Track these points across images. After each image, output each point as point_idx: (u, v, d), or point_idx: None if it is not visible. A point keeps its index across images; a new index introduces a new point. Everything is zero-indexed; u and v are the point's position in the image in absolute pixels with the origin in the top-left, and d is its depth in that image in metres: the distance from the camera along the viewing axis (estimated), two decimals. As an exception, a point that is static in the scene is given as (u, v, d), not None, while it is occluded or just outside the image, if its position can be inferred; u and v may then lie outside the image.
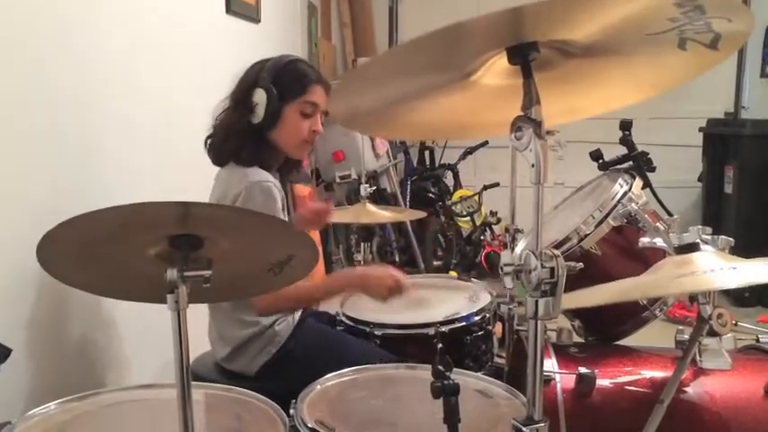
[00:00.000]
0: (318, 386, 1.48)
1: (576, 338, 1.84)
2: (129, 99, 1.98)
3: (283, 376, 1.80)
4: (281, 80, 1.81)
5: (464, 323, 1.99)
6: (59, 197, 1.64)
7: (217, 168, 1.89)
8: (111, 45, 1.88)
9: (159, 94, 2.17)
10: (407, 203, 4.65)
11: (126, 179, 1.93)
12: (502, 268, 1.01)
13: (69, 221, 0.99)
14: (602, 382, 1.57)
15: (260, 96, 1.78)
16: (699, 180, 4.82)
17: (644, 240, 1.63)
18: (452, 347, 1.92)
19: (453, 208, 4.66)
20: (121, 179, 1.91)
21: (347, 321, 2.03)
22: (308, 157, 2.06)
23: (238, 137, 1.81)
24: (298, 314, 1.94)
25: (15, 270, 1.47)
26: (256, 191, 1.73)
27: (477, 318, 2.02)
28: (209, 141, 1.88)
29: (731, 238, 1.37)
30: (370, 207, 2.40)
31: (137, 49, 2.03)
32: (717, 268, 1.20)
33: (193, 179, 1.99)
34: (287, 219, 1.83)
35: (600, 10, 0.92)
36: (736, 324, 1.62)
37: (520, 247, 1.97)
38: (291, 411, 1.32)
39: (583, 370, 1.55)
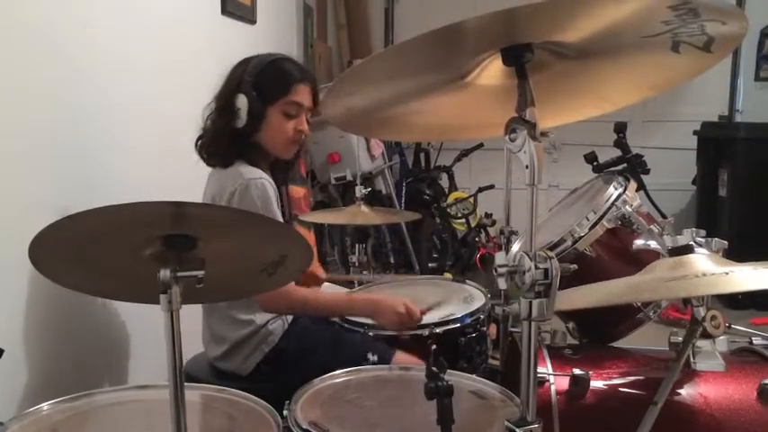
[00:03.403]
0: (312, 387, 1.48)
1: (571, 340, 1.84)
2: (124, 99, 1.97)
3: (276, 376, 1.80)
4: (262, 82, 1.81)
5: (458, 324, 1.98)
6: (54, 197, 1.63)
7: (210, 168, 1.90)
8: (106, 45, 1.88)
9: (154, 94, 2.16)
10: (402, 205, 4.64)
11: (120, 179, 1.92)
12: (496, 269, 1.01)
13: (61, 222, 0.98)
14: (596, 383, 1.57)
15: (242, 101, 1.79)
16: (693, 183, 4.83)
17: (638, 243, 1.63)
18: (446, 349, 1.92)
19: (448, 210, 4.66)
20: (115, 179, 1.90)
21: (341, 323, 2.02)
22: (302, 156, 2.04)
23: (224, 140, 1.83)
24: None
25: (9, 269, 1.47)
26: (251, 188, 1.74)
27: (471, 319, 2.02)
28: (199, 142, 1.89)
29: (725, 241, 1.38)
30: (365, 209, 2.40)
31: (132, 50, 2.03)
32: (710, 271, 1.20)
33: (188, 179, 1.99)
34: (281, 217, 1.83)
35: (594, 12, 0.92)
36: (729, 326, 1.62)
37: (514, 248, 1.97)
38: (285, 413, 1.32)
39: (577, 371, 1.56)
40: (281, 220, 1.83)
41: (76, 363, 1.75)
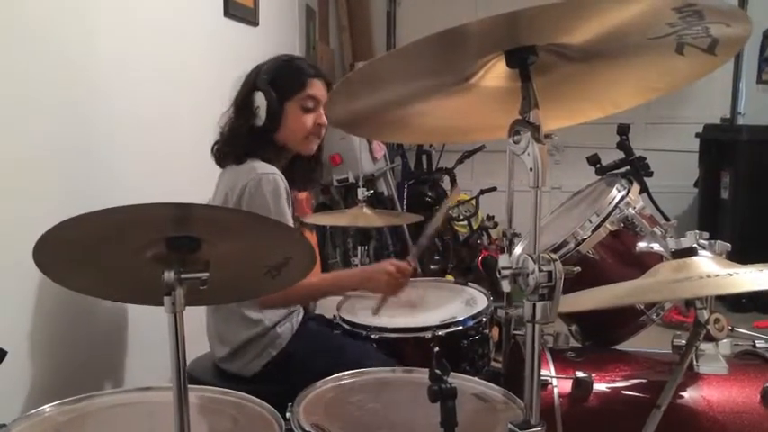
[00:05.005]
0: (315, 390, 1.48)
1: (573, 343, 1.84)
2: (128, 102, 1.97)
3: (281, 379, 1.80)
4: (278, 79, 1.84)
5: (461, 327, 1.98)
6: (59, 198, 1.64)
7: (217, 171, 1.90)
8: (109, 48, 1.88)
9: (157, 97, 2.17)
10: (404, 207, 4.64)
11: (124, 181, 1.92)
12: (500, 272, 1.00)
13: (65, 223, 0.98)
14: (599, 386, 1.57)
15: (260, 99, 1.81)
16: (695, 185, 4.83)
17: (641, 245, 1.63)
18: (449, 351, 1.92)
19: (450, 212, 4.66)
20: (120, 181, 1.90)
21: (344, 325, 2.02)
22: (321, 157, 2.05)
23: (244, 140, 1.84)
24: (299, 317, 1.94)
25: (13, 271, 1.47)
26: (263, 183, 1.75)
27: (473, 322, 2.02)
28: (215, 147, 1.90)
29: (728, 243, 1.38)
30: (367, 211, 2.39)
31: (135, 52, 2.03)
32: (713, 273, 1.20)
33: (192, 181, 1.99)
34: (291, 214, 1.83)
35: (598, 14, 0.92)
36: (732, 329, 1.62)
37: (518, 250, 1.97)
38: (288, 415, 1.32)
39: (580, 374, 1.55)
40: (291, 216, 1.83)
41: (79, 364, 1.75)
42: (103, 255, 1.10)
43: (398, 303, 2.04)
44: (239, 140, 1.84)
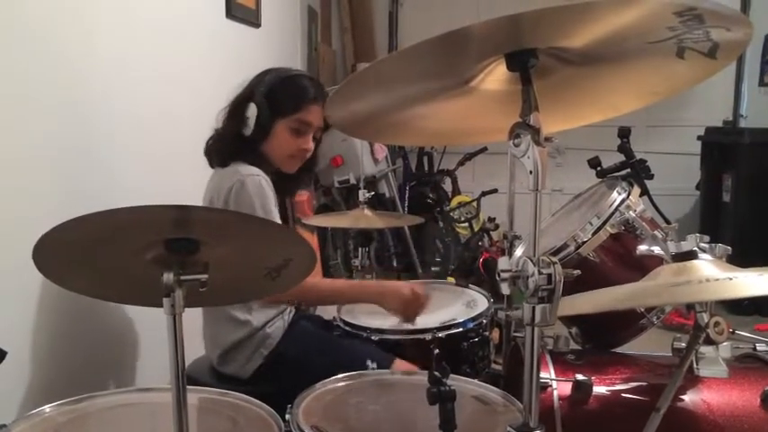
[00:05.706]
0: (314, 391, 1.48)
1: (574, 345, 1.83)
2: (129, 103, 1.98)
3: (277, 379, 1.80)
4: (276, 96, 1.83)
5: (461, 329, 1.98)
6: (59, 198, 1.64)
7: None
8: (110, 49, 1.88)
9: (157, 97, 2.17)
10: (406, 209, 4.65)
11: (124, 181, 1.92)
12: (499, 274, 1.00)
13: (65, 225, 0.98)
14: (599, 389, 1.57)
15: (252, 111, 1.82)
16: (696, 188, 4.83)
17: (641, 248, 1.62)
18: (449, 353, 1.92)
19: (451, 214, 4.66)
20: (119, 181, 1.90)
21: (344, 326, 2.02)
22: (311, 172, 2.05)
23: (230, 144, 1.85)
24: (289, 316, 1.95)
25: (12, 272, 1.47)
26: (248, 184, 1.75)
27: (473, 324, 2.02)
28: (207, 144, 1.91)
29: (728, 247, 1.37)
30: (369, 212, 2.39)
31: (135, 52, 2.03)
32: (714, 277, 1.20)
33: (192, 182, 1.99)
34: (279, 214, 1.83)
35: (599, 18, 0.92)
36: (733, 332, 1.61)
37: (518, 253, 1.97)
38: (287, 416, 1.32)
39: (580, 377, 1.55)
40: (278, 216, 1.83)
41: (79, 365, 1.75)
42: (103, 256, 1.10)
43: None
44: (226, 144, 1.85)
